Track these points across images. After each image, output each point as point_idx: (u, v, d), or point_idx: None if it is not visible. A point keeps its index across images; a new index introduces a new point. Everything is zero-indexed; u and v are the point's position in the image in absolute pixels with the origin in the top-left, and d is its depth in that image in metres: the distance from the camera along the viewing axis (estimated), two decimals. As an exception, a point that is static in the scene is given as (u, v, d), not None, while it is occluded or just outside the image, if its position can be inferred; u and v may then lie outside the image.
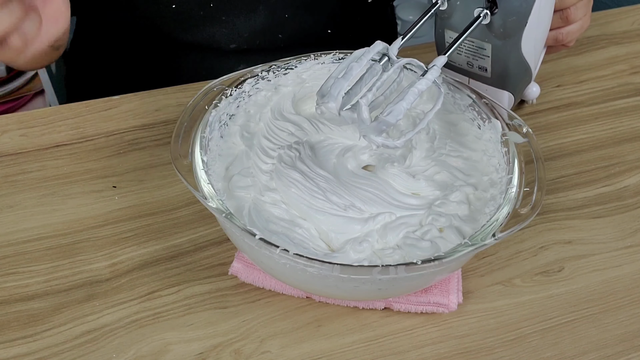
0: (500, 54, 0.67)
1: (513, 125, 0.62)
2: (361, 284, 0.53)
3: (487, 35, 0.66)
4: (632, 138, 0.77)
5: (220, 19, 0.83)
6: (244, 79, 0.66)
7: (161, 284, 0.62)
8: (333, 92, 0.57)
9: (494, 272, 0.63)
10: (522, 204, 0.55)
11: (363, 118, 0.56)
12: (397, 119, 0.55)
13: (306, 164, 0.62)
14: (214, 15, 0.83)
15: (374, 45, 0.59)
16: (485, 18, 0.63)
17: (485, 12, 0.63)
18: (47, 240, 0.65)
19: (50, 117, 0.77)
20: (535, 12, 0.64)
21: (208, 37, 0.85)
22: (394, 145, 0.57)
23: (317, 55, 0.68)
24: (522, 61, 0.68)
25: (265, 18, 0.84)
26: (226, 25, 0.84)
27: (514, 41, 0.66)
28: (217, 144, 0.63)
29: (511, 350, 0.58)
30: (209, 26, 0.84)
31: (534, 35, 0.67)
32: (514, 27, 0.64)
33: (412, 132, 0.57)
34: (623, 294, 0.62)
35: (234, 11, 0.83)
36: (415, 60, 0.60)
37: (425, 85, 0.57)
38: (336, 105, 0.57)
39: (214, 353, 0.57)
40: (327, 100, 0.57)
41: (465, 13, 0.65)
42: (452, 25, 0.67)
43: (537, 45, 0.69)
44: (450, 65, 0.72)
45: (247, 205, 0.59)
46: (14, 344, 0.58)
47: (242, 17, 0.83)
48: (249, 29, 0.84)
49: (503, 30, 0.64)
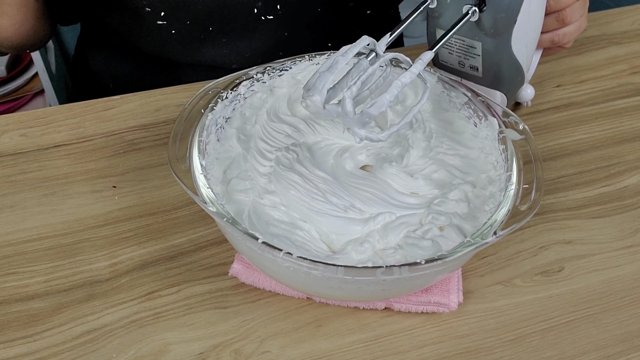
0: (491, 52, 0.67)
1: (510, 123, 0.62)
2: (365, 285, 0.53)
3: (477, 33, 0.66)
4: (632, 138, 0.77)
5: (220, 41, 0.83)
6: (239, 81, 0.66)
7: (161, 284, 0.62)
8: (318, 86, 0.57)
9: (494, 272, 0.63)
10: (522, 201, 0.56)
11: (347, 110, 0.56)
12: (380, 110, 0.55)
13: (304, 165, 0.62)
14: (214, 37, 0.83)
15: (360, 40, 0.59)
16: (473, 15, 0.63)
17: (474, 9, 0.63)
18: (47, 240, 0.65)
19: (50, 117, 0.77)
20: (524, 9, 0.64)
21: (209, 58, 0.85)
22: (378, 139, 0.57)
23: (311, 56, 0.68)
24: (513, 60, 0.68)
25: (266, 38, 0.84)
26: (227, 46, 0.84)
27: (504, 39, 0.66)
28: (214, 147, 0.63)
29: (511, 350, 0.58)
30: (209, 48, 0.84)
31: (525, 34, 0.67)
32: (503, 24, 0.64)
33: (396, 125, 0.57)
34: (623, 294, 0.62)
35: (233, 33, 0.83)
36: (401, 55, 0.60)
37: (409, 79, 0.57)
38: (321, 98, 0.57)
39: (214, 353, 0.57)
40: (312, 94, 0.57)
41: (455, 12, 0.65)
42: (442, 24, 0.67)
43: (529, 45, 0.69)
44: (442, 65, 0.72)
45: (247, 208, 0.59)
46: (14, 344, 0.58)
47: (243, 39, 0.83)
48: (250, 49, 0.84)
49: (493, 28, 0.64)
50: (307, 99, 0.58)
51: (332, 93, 0.59)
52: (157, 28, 0.81)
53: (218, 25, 0.82)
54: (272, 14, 0.82)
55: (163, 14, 0.79)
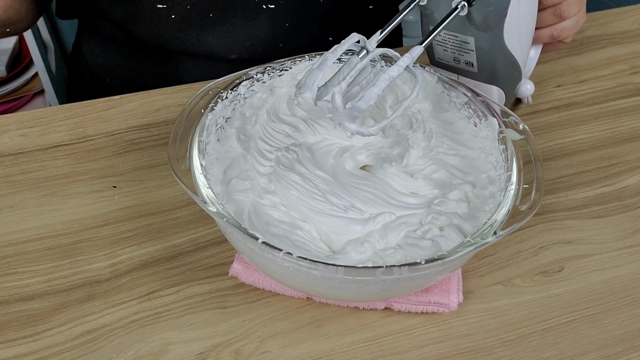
0: (484, 47, 0.67)
1: (509, 123, 0.62)
2: (365, 285, 0.53)
3: (469, 28, 0.66)
4: (632, 138, 0.77)
5: (221, 29, 0.83)
6: (239, 81, 0.66)
7: (161, 284, 0.62)
8: (308, 83, 0.57)
9: (494, 272, 0.63)
10: (522, 201, 0.56)
11: (336, 105, 0.57)
12: (368, 104, 0.56)
13: (304, 165, 0.62)
14: (214, 24, 0.82)
15: (350, 37, 0.59)
16: (462, 9, 0.63)
17: (463, 3, 0.63)
18: (47, 240, 0.65)
19: (50, 117, 0.77)
20: (514, 3, 0.64)
21: (209, 46, 0.84)
22: (369, 132, 0.57)
23: (311, 56, 0.68)
24: (507, 55, 0.68)
25: (267, 27, 0.84)
26: (227, 34, 0.83)
27: (495, 33, 0.66)
28: (214, 147, 0.63)
29: (511, 350, 0.58)
30: (210, 36, 0.84)
31: (517, 28, 0.66)
32: (493, 18, 0.64)
33: (386, 120, 0.57)
34: (623, 294, 0.62)
35: (234, 21, 0.83)
36: (390, 50, 0.60)
37: (397, 72, 0.57)
38: (311, 95, 0.57)
39: (214, 353, 0.57)
40: (303, 91, 0.58)
41: (447, 8, 0.65)
42: (435, 22, 0.67)
43: (523, 39, 0.69)
44: (438, 63, 0.72)
45: (247, 208, 0.59)
46: (14, 344, 0.58)
47: (243, 27, 0.83)
48: (250, 38, 0.84)
49: (484, 23, 0.64)
50: (299, 96, 0.58)
51: (324, 90, 0.59)
52: (156, 12, 0.81)
53: (219, 12, 0.81)
54: (274, 3, 0.82)
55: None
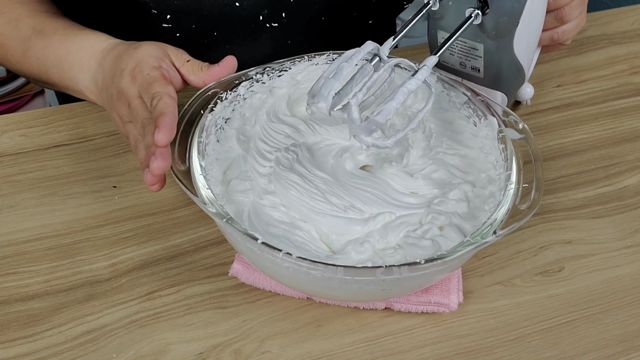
0: (493, 54, 0.67)
1: (509, 122, 0.62)
2: (365, 285, 0.53)
3: (479, 35, 0.66)
4: (632, 138, 0.77)
5: (224, 47, 0.83)
6: (238, 82, 0.66)
7: (161, 284, 0.62)
8: (323, 92, 0.57)
9: (494, 272, 0.63)
10: (522, 200, 0.56)
11: (353, 118, 0.56)
12: (387, 118, 0.55)
13: (304, 166, 0.62)
14: (218, 43, 0.83)
15: (365, 45, 0.59)
16: (476, 18, 0.63)
17: (477, 12, 0.63)
18: (47, 240, 0.65)
19: (50, 117, 0.77)
20: (527, 12, 0.64)
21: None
22: (384, 145, 0.57)
23: (311, 57, 0.68)
24: (514, 61, 0.68)
25: (269, 45, 0.84)
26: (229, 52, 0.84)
27: (506, 41, 0.66)
28: (214, 148, 0.63)
29: (511, 350, 0.58)
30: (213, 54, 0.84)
31: (526, 36, 0.67)
32: (505, 27, 0.64)
33: (402, 131, 0.57)
34: (623, 294, 0.62)
35: (237, 39, 0.83)
36: (405, 60, 0.60)
37: (415, 85, 0.57)
38: (326, 105, 0.57)
39: (214, 353, 0.57)
40: (317, 101, 0.57)
41: (457, 14, 0.65)
42: (444, 26, 0.67)
43: (530, 46, 0.69)
44: (443, 66, 0.72)
45: (247, 209, 0.59)
46: (14, 344, 0.58)
47: (246, 45, 0.83)
48: (252, 56, 0.84)
49: (495, 31, 0.64)
50: (313, 106, 0.58)
51: (337, 98, 0.59)
52: (161, 31, 0.81)
53: (223, 31, 0.82)
54: (277, 22, 0.82)
55: (169, 16, 0.79)
